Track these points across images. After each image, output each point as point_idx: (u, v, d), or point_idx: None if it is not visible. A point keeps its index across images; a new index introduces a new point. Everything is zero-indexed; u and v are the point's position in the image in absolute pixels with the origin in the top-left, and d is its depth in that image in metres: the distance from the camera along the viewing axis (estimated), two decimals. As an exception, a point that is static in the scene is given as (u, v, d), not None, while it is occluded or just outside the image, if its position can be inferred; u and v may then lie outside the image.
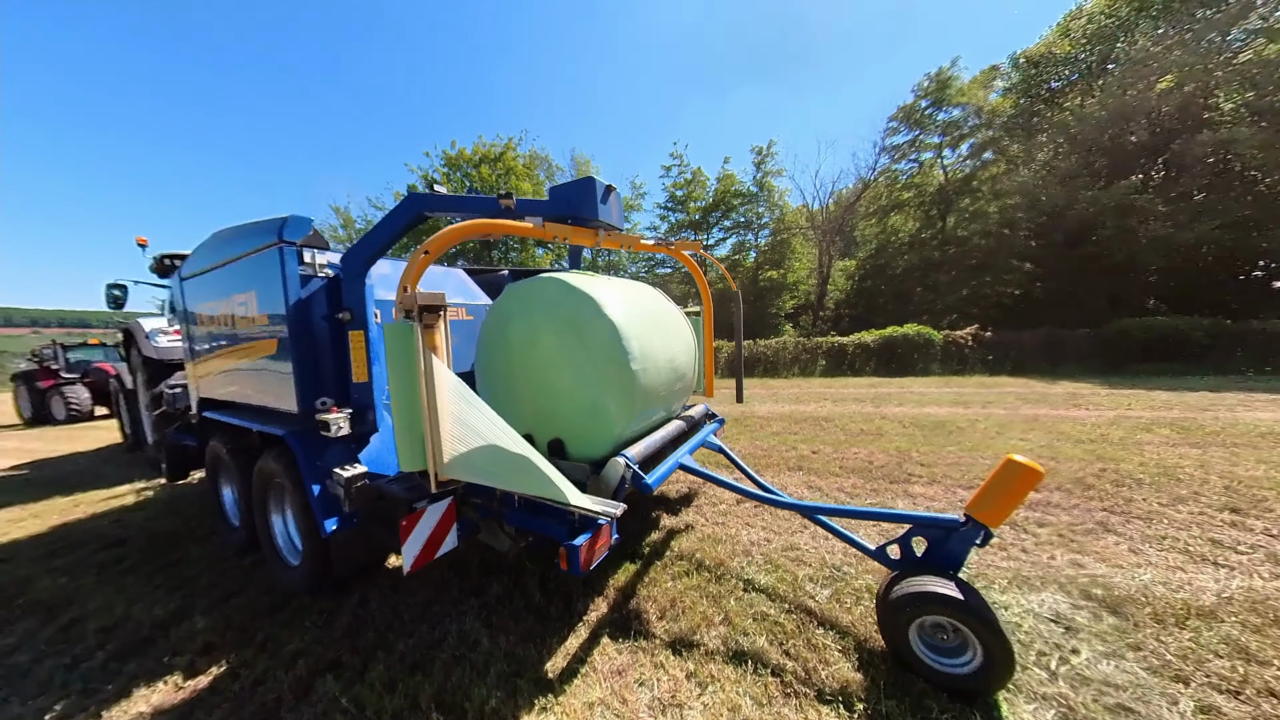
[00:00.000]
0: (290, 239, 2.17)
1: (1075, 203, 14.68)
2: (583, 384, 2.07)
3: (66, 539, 3.40)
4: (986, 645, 1.41)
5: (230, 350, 2.69)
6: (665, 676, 1.68)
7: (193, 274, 3.03)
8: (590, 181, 2.33)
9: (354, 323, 2.22)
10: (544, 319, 2.18)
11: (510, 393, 2.34)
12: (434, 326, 1.68)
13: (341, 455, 2.16)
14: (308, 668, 1.81)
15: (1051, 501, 3.03)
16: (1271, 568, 2.17)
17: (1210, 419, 5.11)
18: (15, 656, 2.05)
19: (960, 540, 1.59)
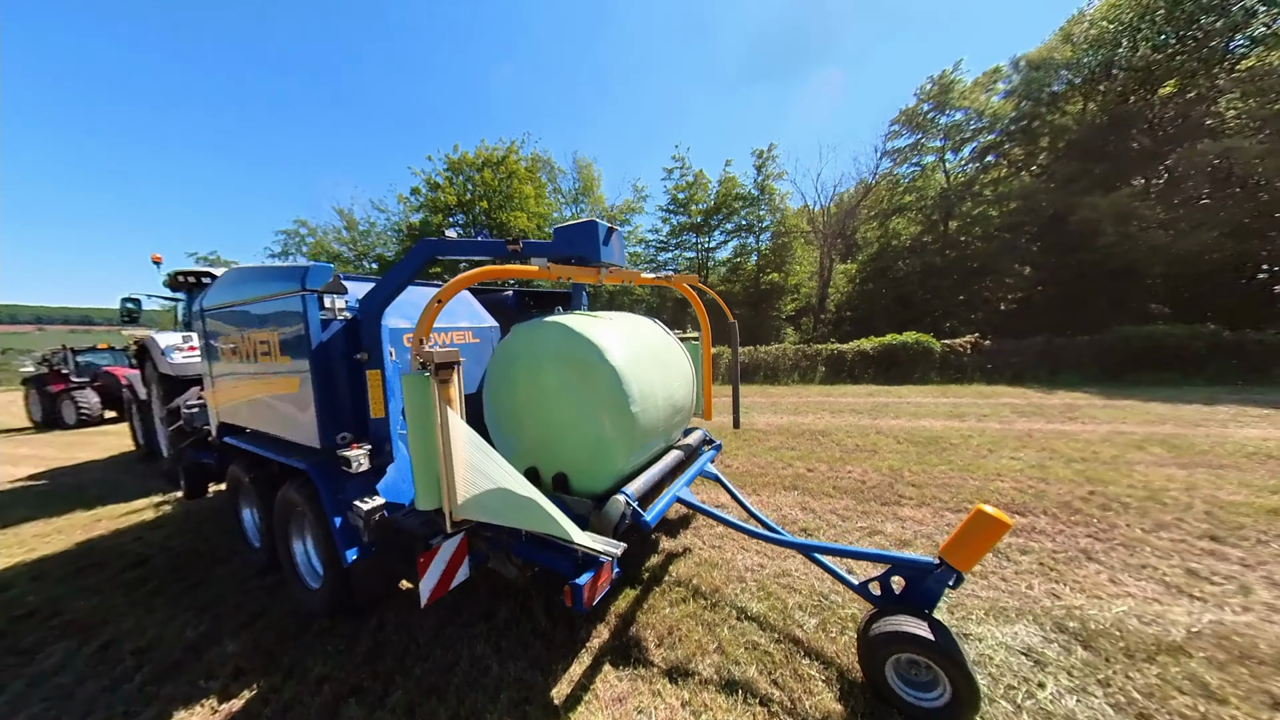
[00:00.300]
0: (313, 287, 2.31)
1: (1076, 208, 14.73)
2: (586, 424, 2.20)
3: (92, 557, 3.56)
4: (955, 683, 1.54)
5: (252, 383, 2.83)
6: (662, 704, 1.82)
7: (214, 308, 3.17)
8: (593, 225, 2.46)
9: (371, 362, 2.35)
10: (549, 362, 2.31)
11: (517, 427, 2.47)
12: (449, 381, 1.81)
13: (360, 487, 2.30)
14: (333, 693, 1.96)
15: (1037, 527, 3.15)
16: (1242, 600, 2.28)
17: (1201, 435, 5.20)
18: (59, 678, 2.20)
19: (935, 581, 1.72)
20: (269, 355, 2.63)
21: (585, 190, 27.22)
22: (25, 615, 2.76)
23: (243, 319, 2.82)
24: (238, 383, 3.01)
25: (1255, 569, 2.54)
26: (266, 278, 2.60)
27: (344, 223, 27.37)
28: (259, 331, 2.67)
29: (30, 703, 2.04)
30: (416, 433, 1.80)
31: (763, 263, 24.68)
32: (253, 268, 2.79)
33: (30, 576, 3.27)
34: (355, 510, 2.13)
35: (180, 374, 5.22)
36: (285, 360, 2.49)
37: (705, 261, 26.77)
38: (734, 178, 25.23)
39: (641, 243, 27.71)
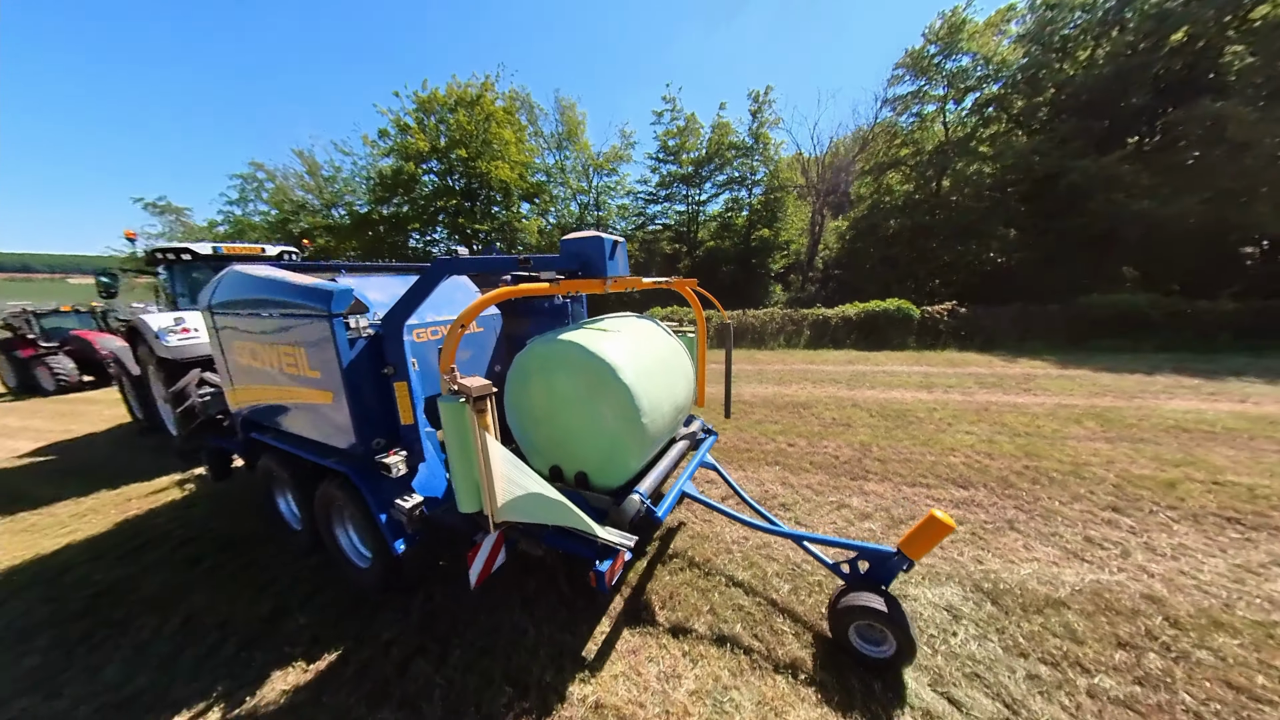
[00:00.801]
0: (338, 311, 2.46)
1: (1068, 171, 14.71)
2: (601, 432, 2.51)
3: (139, 537, 3.89)
4: (899, 640, 2.05)
5: (281, 390, 3.01)
6: (667, 655, 2.33)
7: (226, 309, 3.24)
8: (599, 240, 2.63)
9: (397, 375, 2.58)
10: (566, 377, 2.56)
11: (537, 432, 2.77)
12: (485, 410, 2.07)
13: (398, 485, 2.62)
14: (401, 654, 2.42)
15: (975, 500, 3.73)
16: (1120, 562, 2.89)
17: (1134, 409, 5.88)
18: (157, 647, 2.61)
19: (892, 565, 2.18)
20: (295, 367, 2.80)
21: (569, 135, 25.46)
22: (101, 593, 3.13)
23: (262, 329, 2.94)
24: (263, 388, 3.18)
25: (1139, 535, 3.16)
26: (286, 293, 2.68)
27: (305, 167, 25.27)
28: (283, 345, 2.81)
29: (143, 669, 2.46)
30: (455, 451, 2.09)
31: (754, 218, 24.18)
32: (266, 279, 2.84)
33: (88, 557, 3.60)
34: (398, 508, 2.48)
35: (178, 356, 5.27)
36: (315, 375, 2.68)
37: (695, 215, 26.05)
38: (728, 123, 23.91)
39: (630, 194, 26.61)
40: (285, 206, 24.40)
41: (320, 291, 2.50)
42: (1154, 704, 1.94)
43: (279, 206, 24.48)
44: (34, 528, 4.18)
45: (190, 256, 6.02)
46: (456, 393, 2.05)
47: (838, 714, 1.97)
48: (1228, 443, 4.65)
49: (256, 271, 3.01)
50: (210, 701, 2.22)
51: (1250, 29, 12.96)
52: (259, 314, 2.90)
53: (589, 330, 2.74)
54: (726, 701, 2.06)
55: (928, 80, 20.21)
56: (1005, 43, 18.32)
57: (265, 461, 3.54)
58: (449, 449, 2.13)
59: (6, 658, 2.61)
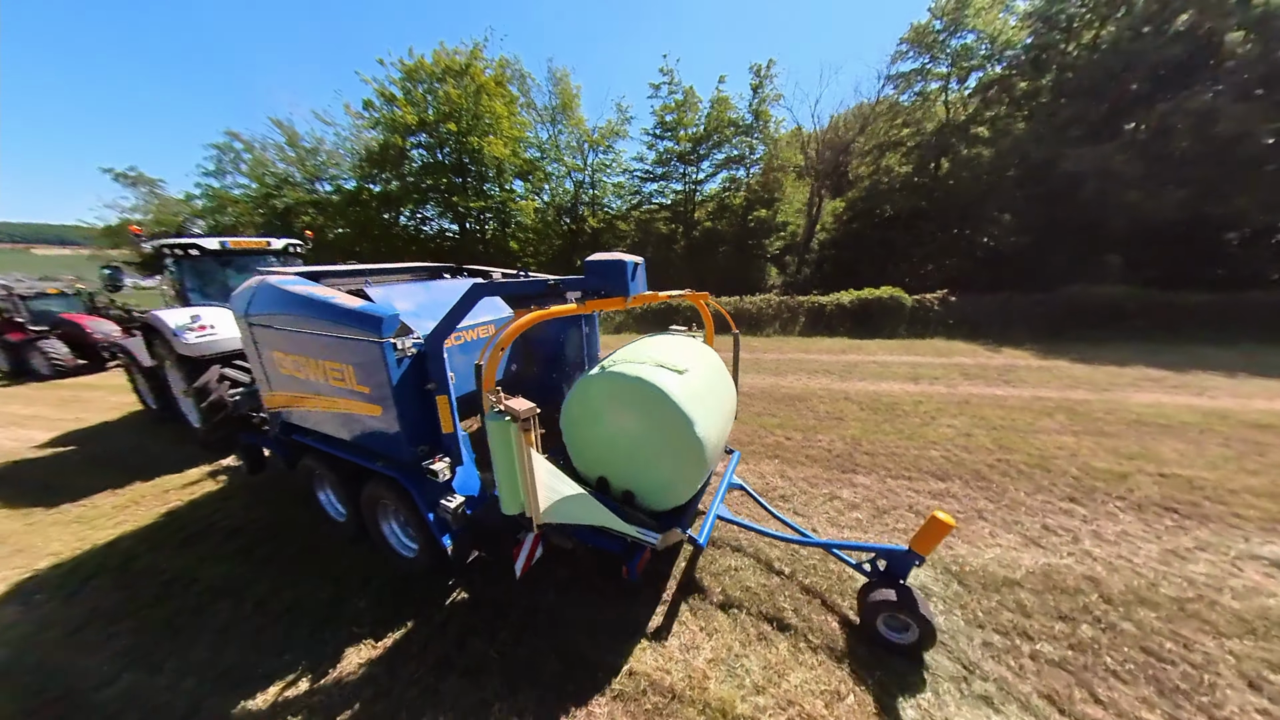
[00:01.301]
0: (388, 335, 2.69)
1: (1065, 158, 14.86)
2: (663, 468, 2.64)
3: (187, 528, 4.19)
4: (921, 628, 2.39)
5: (328, 400, 3.25)
6: (686, 630, 2.75)
7: (262, 321, 3.44)
8: (622, 264, 2.88)
9: (438, 390, 2.84)
10: (639, 419, 2.58)
11: (593, 447, 2.85)
12: (529, 429, 2.37)
13: (442, 487, 2.94)
14: (456, 631, 2.80)
15: (951, 492, 4.19)
16: (1070, 548, 3.36)
17: (1102, 402, 6.38)
18: (239, 628, 2.96)
19: (905, 561, 2.54)
20: (343, 381, 3.04)
21: (563, 108, 24.59)
22: (170, 581, 3.46)
23: (306, 345, 3.14)
24: (307, 396, 3.41)
25: (1090, 524, 3.64)
26: (334, 315, 2.88)
27: (284, 137, 24.17)
28: (330, 361, 3.04)
29: (231, 647, 2.81)
30: (501, 462, 2.40)
31: (751, 198, 23.99)
32: (311, 299, 3.01)
33: (147, 547, 3.90)
34: (444, 508, 2.80)
35: (198, 354, 5.44)
36: (365, 390, 2.93)
37: (693, 195, 25.73)
38: (727, 98, 23.32)
39: (626, 172, 26.06)
40: (266, 180, 23.48)
41: (371, 317, 2.71)
42: (1081, 665, 2.41)
43: (259, 180, 23.54)
44: (81, 519, 4.45)
45: (198, 252, 6.06)
46: (502, 412, 2.33)
47: (829, 673, 2.40)
48: (1179, 436, 5.17)
49: (297, 289, 3.18)
50: (298, 674, 2.60)
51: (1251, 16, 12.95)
52: (304, 331, 3.10)
53: (669, 373, 2.62)
54: (738, 667, 2.49)
55: (931, 58, 19.88)
56: (1011, 20, 18.00)
57: (309, 461, 3.82)
58: (495, 460, 2.43)
59: (99, 639, 2.95)
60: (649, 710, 2.28)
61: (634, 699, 2.34)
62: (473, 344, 3.92)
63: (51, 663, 2.77)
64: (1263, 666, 2.38)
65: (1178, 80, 14.18)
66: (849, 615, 2.77)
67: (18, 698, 2.53)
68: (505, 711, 2.31)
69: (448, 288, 4.31)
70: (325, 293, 3.07)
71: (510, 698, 2.37)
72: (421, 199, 22.09)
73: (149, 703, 2.49)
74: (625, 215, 26.10)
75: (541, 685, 2.44)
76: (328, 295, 3.02)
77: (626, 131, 25.38)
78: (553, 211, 25.01)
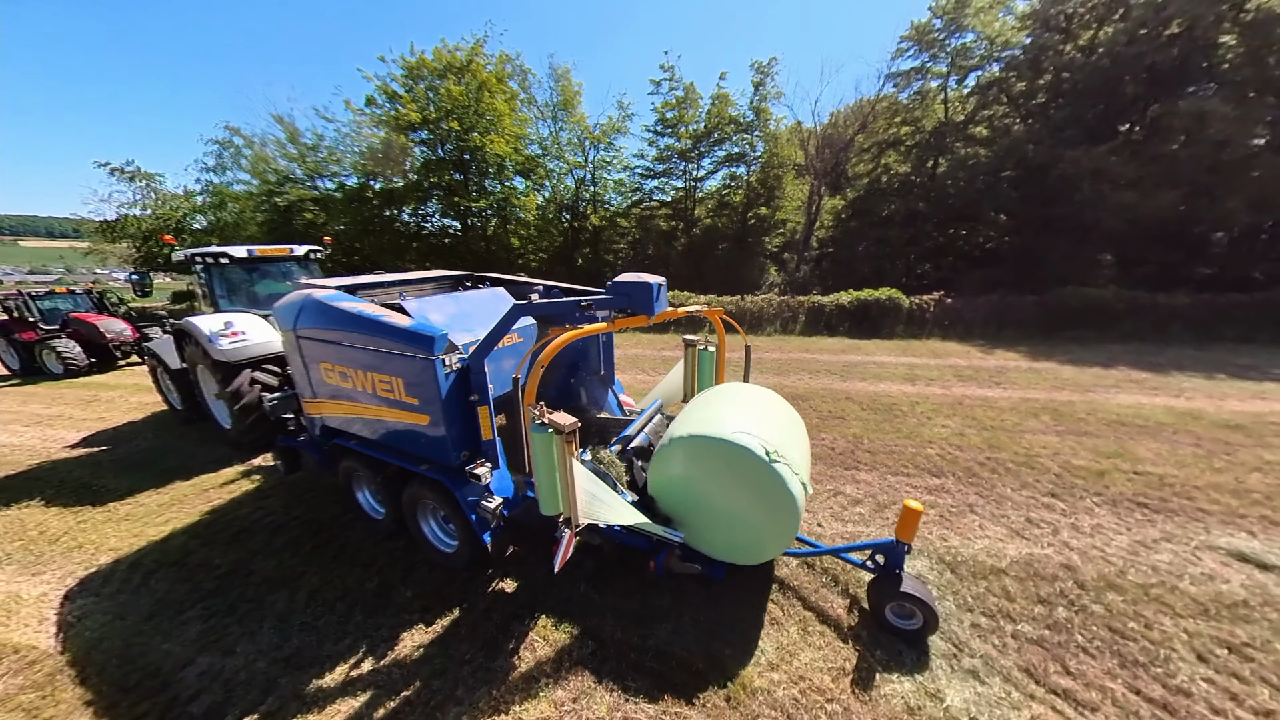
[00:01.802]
0: (439, 353, 2.97)
1: (1060, 160, 15.16)
2: (753, 534, 2.81)
3: (233, 525, 4.46)
4: (924, 614, 2.70)
5: (375, 409, 3.52)
6: (706, 616, 3.07)
7: (309, 334, 3.70)
8: (648, 285, 3.17)
9: (480, 401, 3.14)
10: (746, 486, 2.70)
11: (683, 498, 2.96)
12: (572, 441, 2.65)
13: (482, 489, 3.22)
14: (500, 617, 3.12)
15: (945, 488, 4.53)
16: (1050, 539, 3.71)
17: (1085, 403, 6.75)
18: (298, 617, 3.26)
19: (897, 551, 2.81)
20: (391, 393, 3.31)
21: (565, 105, 24.57)
22: (227, 574, 3.74)
23: (355, 359, 3.40)
24: (353, 404, 3.67)
25: (1069, 517, 3.99)
26: (385, 334, 3.15)
27: (285, 134, 24.06)
28: (379, 374, 3.31)
29: (293, 632, 3.11)
30: (542, 469, 2.68)
31: (751, 195, 24.18)
32: (361, 317, 3.26)
33: (199, 543, 4.18)
34: (484, 508, 3.11)
35: (232, 359, 5.69)
36: (414, 401, 3.21)
37: (693, 192, 25.87)
38: (727, 95, 23.41)
39: (627, 169, 26.13)
40: (268, 177, 23.40)
41: (425, 337, 2.98)
42: (1057, 642, 2.76)
43: (260, 176, 23.45)
44: (130, 517, 4.72)
45: (228, 260, 6.29)
46: (545, 425, 2.62)
47: (835, 652, 2.73)
48: (1155, 435, 5.54)
49: (347, 306, 3.44)
50: (360, 655, 2.90)
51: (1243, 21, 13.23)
52: (353, 346, 3.37)
53: (776, 455, 2.67)
54: (752, 646, 2.82)
55: (931, 57, 20.06)
56: (1010, 21, 18.19)
57: (349, 463, 4.10)
58: (536, 466, 2.72)
59: (171, 626, 3.23)
60: (676, 685, 2.61)
61: (662, 676, 2.66)
62: (498, 352, 4.19)
63: (134, 647, 3.05)
64: (1212, 643, 2.73)
65: (1172, 83, 14.48)
66: (861, 603, 3.08)
67: (112, 677, 2.83)
68: (551, 686, 2.63)
69: (476, 299, 4.58)
70: (375, 310, 3.32)
71: (555, 674, 2.69)
72: (424, 197, 22.13)
73: (229, 681, 2.78)
74: (626, 212, 26.21)
75: (581, 662, 2.76)
76: (378, 314, 3.27)
77: (627, 128, 25.41)
78: (553, 208, 25.08)
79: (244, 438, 5.90)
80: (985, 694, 2.47)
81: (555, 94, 24.17)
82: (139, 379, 10.60)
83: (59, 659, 2.98)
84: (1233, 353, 9.41)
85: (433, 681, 2.70)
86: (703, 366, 4.52)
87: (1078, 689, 2.48)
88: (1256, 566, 3.33)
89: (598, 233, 25.01)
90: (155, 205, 27.12)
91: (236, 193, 23.68)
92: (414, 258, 23.20)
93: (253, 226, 22.44)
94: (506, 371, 3.99)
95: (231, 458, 6.00)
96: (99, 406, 8.94)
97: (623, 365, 9.83)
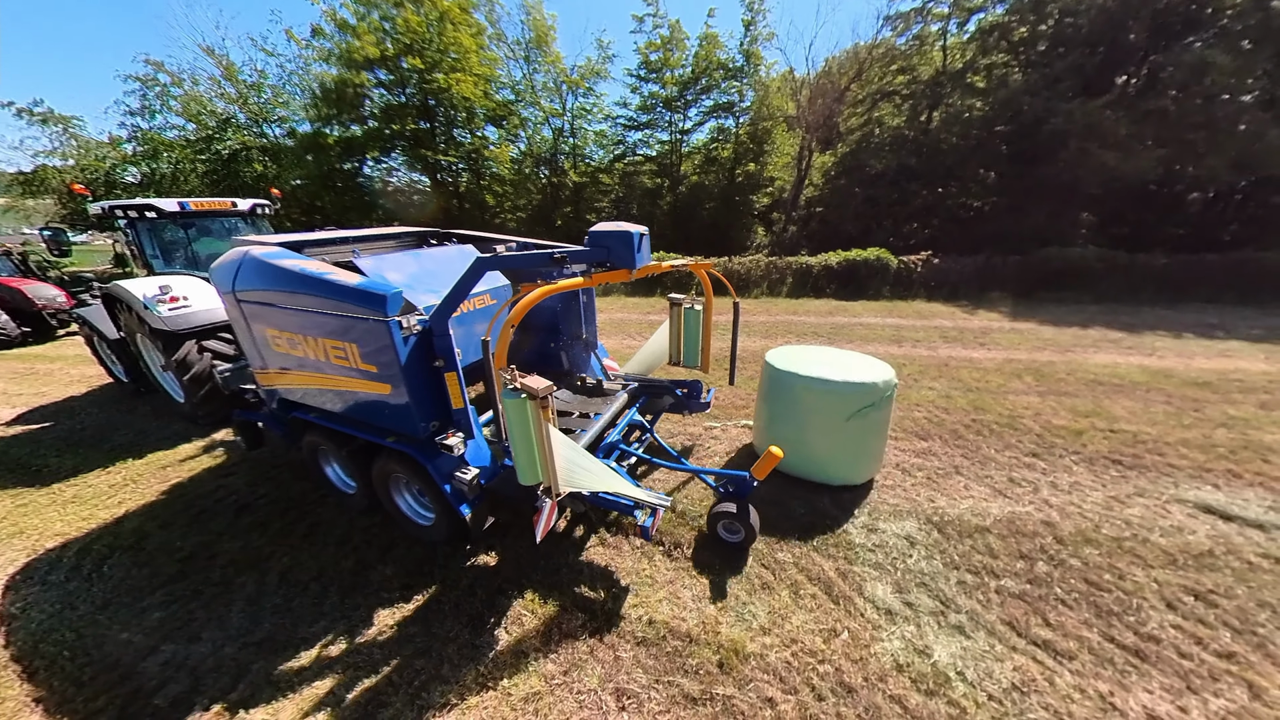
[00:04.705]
0: (393, 314, 2.63)
1: (1053, 114, 14.72)
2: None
3: (193, 505, 4.16)
4: (746, 530, 3.06)
5: (331, 379, 3.19)
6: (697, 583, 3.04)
7: (248, 297, 3.27)
8: (628, 234, 2.87)
9: (446, 367, 2.84)
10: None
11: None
12: (547, 405, 2.42)
13: (455, 460, 3.01)
14: (485, 592, 3.01)
15: (932, 450, 4.56)
16: (1031, 497, 3.78)
17: (1065, 363, 6.87)
18: (268, 599, 3.08)
19: (747, 484, 3.10)
20: (346, 360, 2.97)
21: (538, 43, 22.33)
22: (188, 557, 3.51)
23: (303, 323, 3.03)
24: (307, 374, 3.32)
25: (1048, 476, 4.07)
26: (332, 293, 2.76)
27: (220, 70, 21.32)
28: (330, 340, 2.96)
29: (264, 616, 2.95)
30: (518, 437, 2.46)
31: (739, 150, 23.05)
32: (303, 275, 2.85)
33: (156, 525, 3.89)
34: (459, 480, 2.91)
35: (174, 328, 5.15)
36: (372, 369, 2.89)
37: (678, 145, 24.49)
38: (716, 35, 21.70)
39: (609, 118, 24.38)
40: (205, 121, 20.90)
41: (375, 295, 2.62)
42: (1037, 596, 2.83)
43: (195, 120, 20.93)
44: (78, 499, 4.37)
45: (155, 214, 5.53)
46: (517, 390, 2.37)
47: (826, 614, 2.74)
48: (1129, 394, 5.68)
49: (287, 264, 3.00)
50: (335, 636, 2.77)
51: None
52: (298, 309, 2.98)
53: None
54: (745, 611, 2.80)
55: (932, -2, 18.76)
56: (1018, -44, 16.95)
57: (314, 438, 3.80)
58: (511, 435, 2.49)
59: (129, 615, 3.02)
60: (669, 653, 2.58)
61: (655, 644, 2.63)
62: (469, 315, 3.83)
63: (88, 637, 2.85)
64: (1180, 591, 2.84)
65: (1175, 31, 13.94)
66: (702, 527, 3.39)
67: (64, 671, 2.63)
68: (540, 659, 2.56)
69: (439, 256, 4.13)
70: (319, 268, 2.92)
71: (544, 647, 2.62)
72: (387, 146, 20.22)
73: (195, 669, 2.63)
74: (608, 167, 24.72)
75: (570, 634, 2.69)
76: (323, 271, 2.87)
77: (608, 72, 23.41)
78: (530, 162, 23.44)
79: (199, 410, 5.48)
80: (971, 648, 2.52)
81: (526, 30, 21.86)
82: (80, 350, 9.71)
83: (2, 654, 2.75)
84: (1200, 312, 9.72)
85: (416, 660, 2.60)
86: (689, 327, 4.29)
87: (1057, 639, 2.55)
88: (1220, 518, 3.47)
89: (579, 190, 23.63)
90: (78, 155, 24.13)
91: (171, 140, 21.13)
92: (381, 216, 21.61)
93: (194, 179, 20.29)
94: (479, 336, 3.70)
95: (189, 433, 5.60)
96: (36, 380, 8.21)
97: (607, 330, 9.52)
